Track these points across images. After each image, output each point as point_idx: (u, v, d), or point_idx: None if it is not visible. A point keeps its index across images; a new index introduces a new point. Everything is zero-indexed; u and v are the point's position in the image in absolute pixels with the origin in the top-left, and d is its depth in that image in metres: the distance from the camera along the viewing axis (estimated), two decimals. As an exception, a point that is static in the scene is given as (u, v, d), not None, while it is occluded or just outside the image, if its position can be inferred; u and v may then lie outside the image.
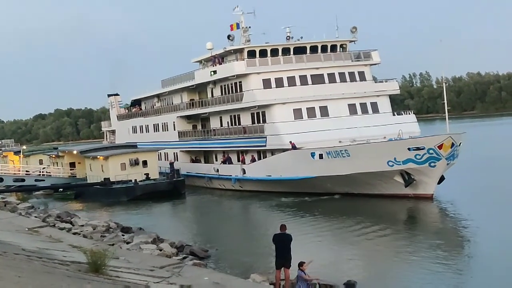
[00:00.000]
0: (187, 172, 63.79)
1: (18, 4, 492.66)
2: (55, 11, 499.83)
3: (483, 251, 28.29)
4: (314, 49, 56.62)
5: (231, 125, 59.44)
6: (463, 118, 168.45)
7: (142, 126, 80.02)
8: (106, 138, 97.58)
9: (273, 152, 53.08)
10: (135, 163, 59.63)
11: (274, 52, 56.14)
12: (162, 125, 73.12)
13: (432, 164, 43.17)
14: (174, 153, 68.96)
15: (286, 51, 56.31)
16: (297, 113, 52.87)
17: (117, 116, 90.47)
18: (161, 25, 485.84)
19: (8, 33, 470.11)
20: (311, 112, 53.04)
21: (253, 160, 55.53)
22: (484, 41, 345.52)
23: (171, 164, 61.97)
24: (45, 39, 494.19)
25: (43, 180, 66.78)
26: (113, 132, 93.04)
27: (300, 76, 54.83)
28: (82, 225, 37.45)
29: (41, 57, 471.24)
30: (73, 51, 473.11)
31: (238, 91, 57.09)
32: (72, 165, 68.38)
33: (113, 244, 29.10)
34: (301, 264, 20.06)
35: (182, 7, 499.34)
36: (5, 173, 68.64)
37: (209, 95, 63.22)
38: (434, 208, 42.27)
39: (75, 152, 68.40)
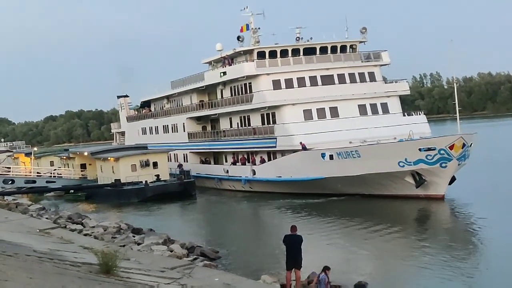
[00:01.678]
0: (196, 173, 63.81)
1: (30, 6, 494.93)
2: (65, 13, 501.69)
3: (495, 252, 28.17)
4: (323, 49, 56.53)
5: (241, 126, 59.45)
6: (474, 119, 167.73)
7: (151, 127, 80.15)
8: (116, 140, 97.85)
9: (283, 153, 53.03)
10: (146, 164, 59.74)
11: (284, 53, 56.13)
12: (172, 127, 73.26)
13: (443, 165, 43.03)
14: (184, 154, 69.02)
15: (295, 52, 56.27)
16: (307, 114, 52.83)
17: (127, 118, 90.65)
18: (170, 26, 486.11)
19: (18, 35, 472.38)
20: (321, 113, 52.98)
21: (262, 161, 55.51)
22: (495, 41, 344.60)
23: (180, 166, 62.01)
24: (55, 40, 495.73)
25: (54, 182, 66.93)
26: (122, 133, 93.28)
27: (310, 77, 54.74)
28: (93, 227, 37.55)
29: (52, 59, 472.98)
30: (83, 52, 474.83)
31: (248, 92, 57.08)
32: (83, 166, 68.59)
33: (124, 245, 29.12)
34: (327, 268, 19.88)
35: (191, 8, 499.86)
36: (16, 175, 68.87)
37: (219, 96, 63.24)
38: (445, 208, 42.12)
39: (86, 153, 68.61)
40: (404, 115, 55.22)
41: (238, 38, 58.74)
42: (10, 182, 66.51)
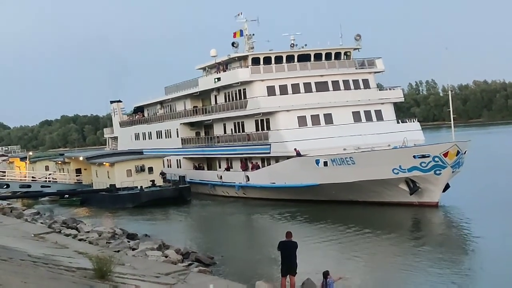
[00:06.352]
0: (190, 179, 63.69)
1: (26, 11, 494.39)
2: (61, 18, 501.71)
3: (488, 259, 28.29)
4: (318, 56, 56.66)
5: (235, 132, 59.46)
6: (470, 126, 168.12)
7: (145, 133, 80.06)
8: (108, 145, 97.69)
9: (277, 159, 53.09)
10: (141, 169, 59.75)
11: (278, 60, 56.21)
12: (165, 132, 73.20)
13: (438, 172, 43.15)
14: (177, 160, 68.95)
15: (290, 58, 56.34)
16: (302, 121, 52.93)
17: (120, 123, 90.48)
18: (165, 32, 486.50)
19: (14, 39, 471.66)
20: (315, 119, 53.07)
21: (256, 167, 55.52)
22: (491, 48, 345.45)
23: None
24: (51, 45, 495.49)
25: (49, 187, 66.91)
26: (115, 138, 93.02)
27: (304, 84, 54.82)
28: (88, 232, 37.54)
29: (48, 63, 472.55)
30: (79, 57, 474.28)
31: (242, 98, 57.13)
32: (78, 171, 68.57)
33: (118, 251, 29.17)
34: (327, 274, 19.94)
35: (186, 14, 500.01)
36: (11, 179, 68.74)
37: (213, 102, 63.23)
38: (439, 216, 42.19)
39: (81, 158, 68.54)
40: (398, 122, 55.35)
41: (233, 44, 58.74)
42: (5, 186, 66.42)
